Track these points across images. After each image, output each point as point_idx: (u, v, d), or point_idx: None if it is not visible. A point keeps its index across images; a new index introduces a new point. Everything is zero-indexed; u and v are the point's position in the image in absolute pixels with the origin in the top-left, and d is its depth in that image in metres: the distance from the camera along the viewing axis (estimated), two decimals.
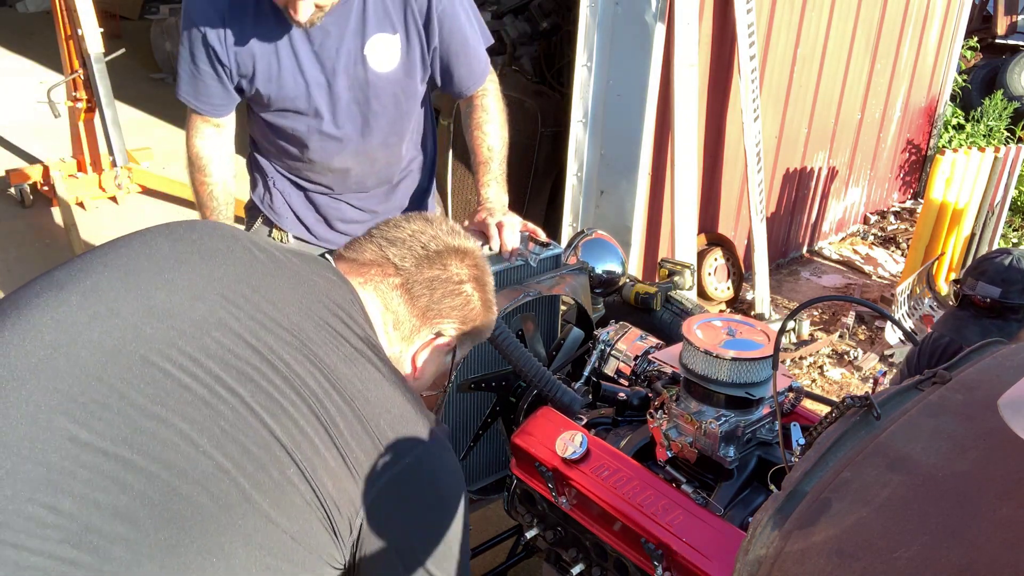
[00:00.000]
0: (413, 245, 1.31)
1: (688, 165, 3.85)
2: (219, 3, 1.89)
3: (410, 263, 1.30)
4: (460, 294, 1.33)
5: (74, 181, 5.17)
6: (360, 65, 1.98)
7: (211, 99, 2.02)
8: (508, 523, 2.20)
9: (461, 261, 1.34)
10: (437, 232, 1.34)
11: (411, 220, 1.36)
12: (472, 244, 1.38)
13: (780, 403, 1.39)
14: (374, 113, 2.07)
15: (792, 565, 1.00)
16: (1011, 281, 2.16)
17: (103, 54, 4.68)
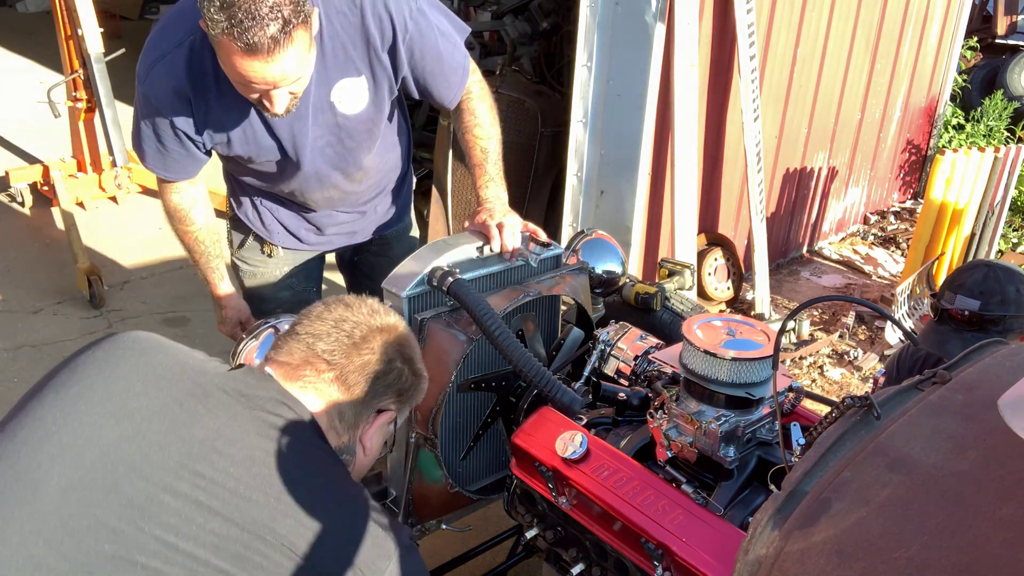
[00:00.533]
0: (339, 336, 1.35)
1: (688, 165, 3.85)
2: (179, 85, 1.83)
3: (339, 355, 1.34)
4: (392, 371, 1.39)
5: (74, 181, 5.17)
6: (329, 112, 1.95)
7: (183, 169, 2.02)
8: (508, 523, 2.20)
9: (385, 340, 1.39)
10: (359, 317, 1.38)
11: (332, 309, 1.39)
12: (393, 319, 1.43)
13: (780, 403, 1.39)
14: (348, 149, 2.07)
15: (792, 565, 1.00)
16: (989, 293, 2.15)
17: (103, 54, 4.67)
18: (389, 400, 1.41)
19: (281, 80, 1.67)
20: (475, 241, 1.87)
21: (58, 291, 4.28)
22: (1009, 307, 2.14)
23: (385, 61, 1.92)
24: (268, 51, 1.58)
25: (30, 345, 3.80)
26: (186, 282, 4.48)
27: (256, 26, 1.54)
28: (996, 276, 2.17)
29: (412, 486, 1.88)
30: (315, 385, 1.33)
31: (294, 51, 1.63)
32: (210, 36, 1.61)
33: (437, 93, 2.05)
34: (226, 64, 1.65)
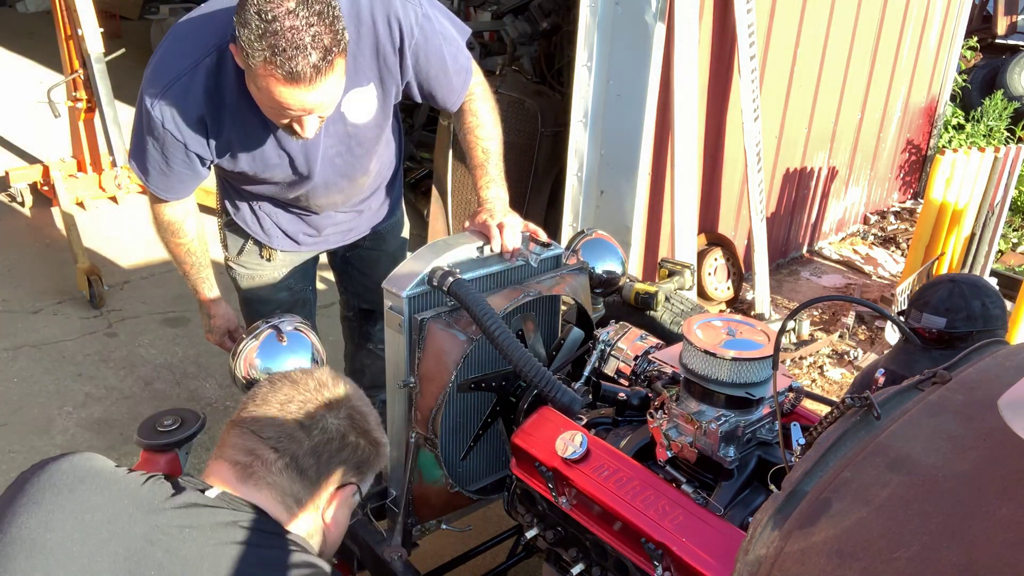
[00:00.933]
0: (285, 420, 1.30)
1: (688, 165, 3.85)
2: (196, 107, 1.80)
3: (287, 441, 1.29)
4: (346, 447, 1.34)
5: (74, 181, 5.17)
6: (340, 122, 1.95)
7: (185, 188, 2.00)
8: (508, 523, 2.20)
9: (336, 414, 1.34)
10: (305, 395, 1.33)
11: (277, 389, 1.34)
12: (343, 389, 1.38)
13: (780, 403, 1.39)
14: (356, 156, 2.08)
15: (792, 565, 1.00)
16: (955, 310, 2.11)
17: (103, 54, 4.68)
18: (348, 475, 1.36)
19: (318, 107, 1.68)
20: (475, 241, 1.87)
21: (58, 291, 4.28)
22: (976, 322, 2.08)
23: (394, 69, 1.93)
24: (310, 80, 1.58)
25: (30, 345, 3.80)
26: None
27: (299, 55, 1.54)
28: (961, 292, 2.13)
29: (412, 486, 1.88)
30: (267, 479, 1.27)
31: (334, 79, 1.64)
32: (246, 64, 1.60)
33: (441, 96, 2.05)
34: (262, 91, 1.64)
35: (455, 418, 1.86)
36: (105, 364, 3.69)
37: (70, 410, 3.36)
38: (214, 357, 3.74)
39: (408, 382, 1.79)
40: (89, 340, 3.87)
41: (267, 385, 1.35)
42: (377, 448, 1.40)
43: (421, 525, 1.95)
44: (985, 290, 2.14)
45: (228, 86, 1.79)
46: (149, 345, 3.85)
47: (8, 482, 1.24)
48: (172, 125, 1.81)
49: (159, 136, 1.83)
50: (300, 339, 1.83)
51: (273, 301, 2.36)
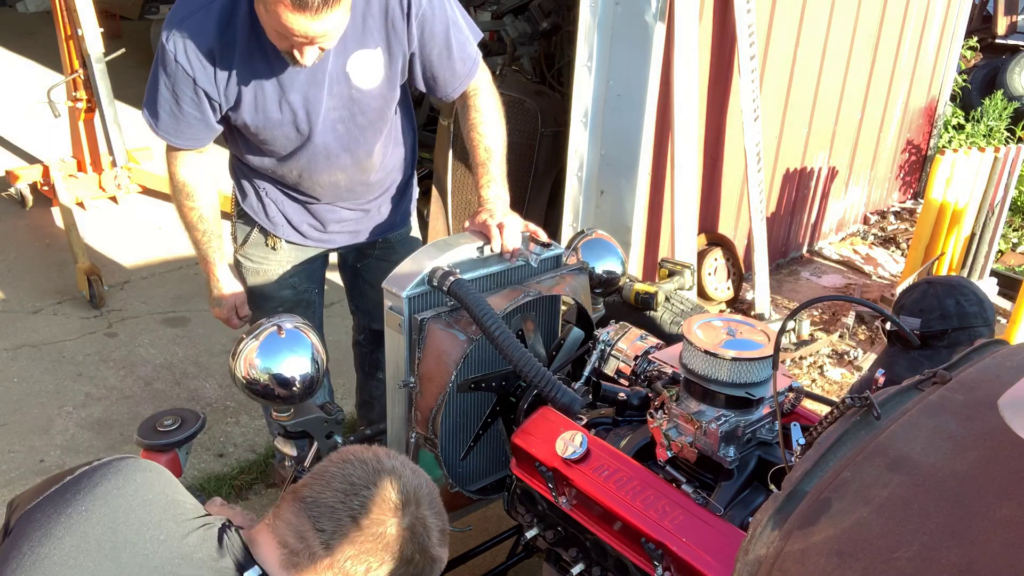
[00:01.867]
0: (343, 516, 1.19)
1: (688, 165, 3.85)
2: (209, 41, 1.85)
3: (340, 539, 1.19)
4: (395, 558, 1.21)
5: (74, 181, 5.17)
6: (344, 83, 1.97)
7: (195, 136, 2.01)
8: (508, 523, 2.20)
9: (400, 522, 1.21)
10: (372, 489, 1.21)
11: (347, 472, 1.23)
12: (415, 489, 1.24)
13: (780, 403, 1.39)
14: (360, 127, 2.07)
15: (792, 565, 1.00)
16: (928, 310, 2.13)
17: (103, 54, 4.68)
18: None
19: (321, 37, 1.72)
20: (475, 241, 1.87)
21: (58, 291, 4.28)
22: (950, 320, 2.11)
23: (401, 35, 1.96)
24: (316, 9, 1.64)
25: (30, 345, 3.80)
26: (186, 282, 4.49)
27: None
28: (935, 292, 2.16)
29: None
30: (307, 574, 1.20)
31: (339, 13, 1.69)
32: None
33: (442, 80, 2.06)
34: (270, 14, 1.69)
35: (455, 418, 1.86)
36: (105, 364, 3.69)
37: (70, 410, 3.36)
38: (214, 357, 3.74)
39: (408, 382, 1.79)
40: (89, 340, 3.87)
41: (338, 465, 1.24)
42: (432, 566, 1.27)
43: None
44: (960, 289, 2.16)
45: (240, 26, 1.84)
46: (149, 345, 3.85)
47: (8, 482, 1.24)
48: (184, 58, 1.86)
49: (171, 72, 1.88)
50: (301, 339, 1.83)
51: (276, 298, 2.34)
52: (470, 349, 1.74)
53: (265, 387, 1.77)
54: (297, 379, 1.79)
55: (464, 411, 1.88)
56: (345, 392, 3.18)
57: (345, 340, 2.80)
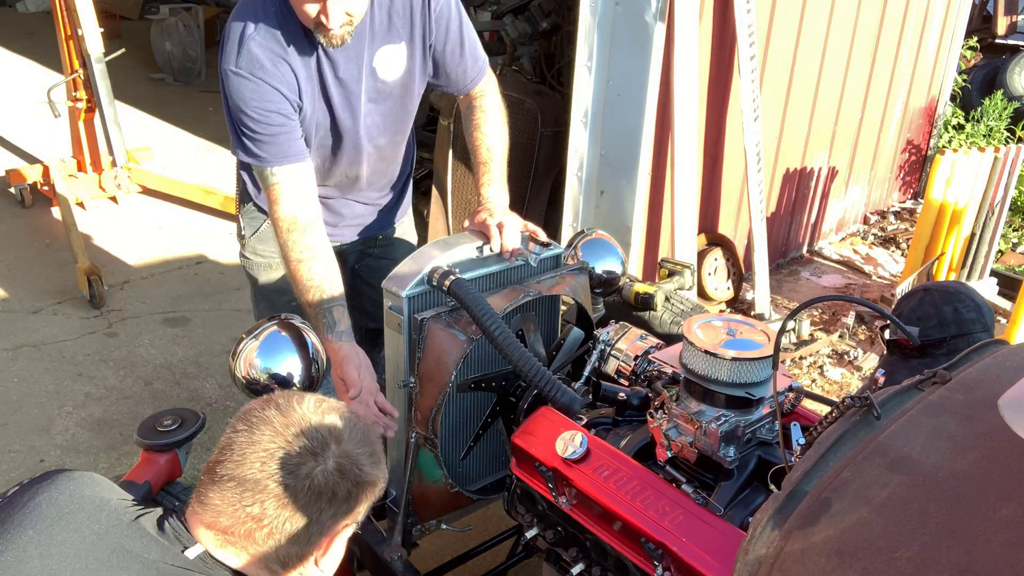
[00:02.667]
0: (267, 484, 1.16)
1: (688, 165, 3.85)
2: (277, 46, 1.87)
3: (271, 507, 1.16)
4: (336, 499, 1.20)
5: (74, 181, 5.17)
6: (372, 77, 2.02)
7: (292, 146, 1.93)
8: (508, 523, 2.20)
9: (324, 466, 1.19)
10: (287, 446, 1.17)
11: (255, 440, 1.18)
12: (328, 425, 1.22)
13: (780, 403, 1.39)
14: (385, 118, 2.11)
15: (792, 565, 1.00)
16: (925, 318, 2.12)
17: (103, 54, 4.68)
18: (341, 521, 1.24)
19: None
20: (475, 241, 1.87)
21: (58, 291, 4.28)
22: (948, 328, 2.09)
23: (422, 28, 2.02)
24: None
25: (30, 345, 3.80)
26: (186, 282, 4.49)
27: None
28: (932, 300, 2.14)
29: (412, 486, 1.88)
30: (249, 549, 1.19)
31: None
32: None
33: (453, 75, 2.12)
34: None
35: (455, 418, 1.86)
36: (105, 364, 3.69)
37: (70, 410, 3.36)
38: (214, 357, 3.74)
39: (408, 382, 1.79)
40: (89, 340, 3.87)
41: (244, 432, 1.20)
42: (374, 486, 1.27)
43: (421, 525, 1.94)
44: (957, 295, 2.15)
45: (292, 23, 1.88)
46: (149, 345, 3.85)
47: (8, 482, 1.25)
48: (262, 71, 1.86)
49: (250, 91, 1.85)
50: (301, 339, 1.83)
51: (289, 292, 2.30)
52: (470, 349, 1.74)
53: (265, 387, 1.77)
54: (297, 379, 1.79)
55: (464, 411, 1.88)
56: None
57: None
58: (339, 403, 1.29)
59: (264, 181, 1.94)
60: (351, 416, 1.28)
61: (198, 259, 4.75)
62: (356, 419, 1.29)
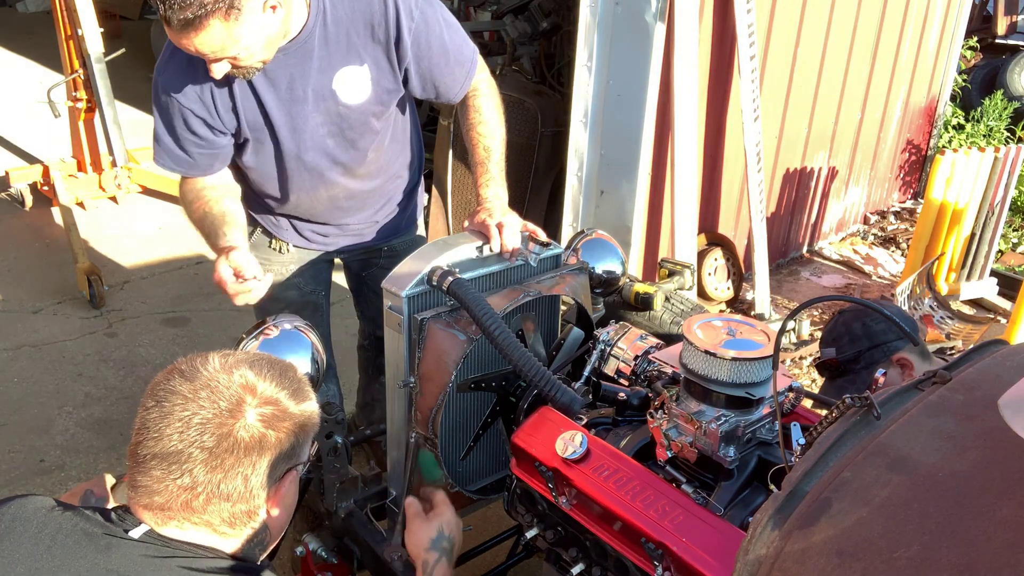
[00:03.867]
0: (191, 454, 1.14)
1: (688, 165, 3.85)
2: (187, 68, 1.88)
3: (201, 476, 1.14)
4: (267, 448, 1.18)
5: (74, 181, 5.17)
6: (331, 99, 1.97)
7: (203, 165, 2.00)
8: (508, 523, 2.20)
9: (245, 420, 1.17)
10: (201, 412, 1.15)
11: (168, 415, 1.16)
12: (239, 381, 1.19)
13: (780, 403, 1.39)
14: (350, 142, 2.08)
15: (792, 565, 1.00)
16: (838, 337, 2.18)
17: (103, 54, 4.68)
18: (283, 466, 1.22)
19: (211, 54, 1.74)
20: (475, 241, 1.87)
21: (58, 291, 4.28)
22: (860, 342, 2.14)
23: (391, 51, 1.94)
24: (184, 29, 1.66)
25: (30, 345, 3.80)
26: (186, 282, 4.49)
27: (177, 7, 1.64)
28: (843, 320, 2.20)
29: (412, 486, 1.88)
30: (191, 519, 1.18)
31: (213, 31, 1.69)
32: None
33: (443, 86, 2.06)
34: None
35: (455, 418, 1.86)
36: (105, 364, 3.69)
37: (70, 410, 3.36)
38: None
39: (408, 382, 1.79)
40: (89, 340, 3.87)
41: (155, 408, 1.17)
42: (305, 424, 1.25)
43: None
44: (865, 312, 2.18)
45: None
46: (149, 345, 3.85)
47: (8, 482, 1.24)
48: (176, 90, 1.90)
49: (166, 107, 1.92)
50: (301, 339, 1.83)
51: (282, 299, 2.32)
52: (470, 349, 1.74)
53: None
54: None
55: (464, 411, 1.88)
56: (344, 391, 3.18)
57: (344, 340, 2.80)
58: (247, 353, 1.27)
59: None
60: (263, 360, 1.25)
61: (198, 259, 4.75)
62: (269, 361, 1.26)
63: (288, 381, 1.24)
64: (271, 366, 1.25)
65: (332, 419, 1.86)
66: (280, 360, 1.28)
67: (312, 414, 1.28)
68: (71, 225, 4.57)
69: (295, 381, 1.26)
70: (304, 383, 1.28)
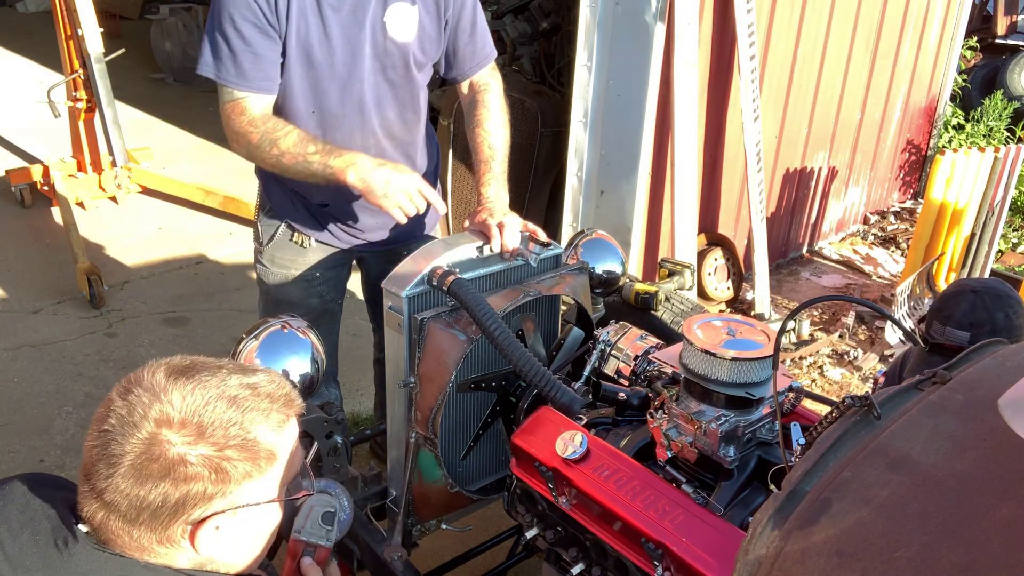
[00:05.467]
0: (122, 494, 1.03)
1: (688, 165, 3.85)
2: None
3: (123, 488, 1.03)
4: (194, 478, 1.04)
5: (74, 181, 5.17)
6: (380, 32, 2.00)
7: (265, 74, 1.92)
8: (508, 523, 2.20)
9: (168, 430, 1.03)
10: (125, 448, 1.02)
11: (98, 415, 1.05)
12: (165, 399, 1.05)
13: (780, 403, 1.39)
14: (391, 83, 2.08)
15: (792, 565, 1.00)
16: (979, 324, 2.04)
17: (103, 54, 4.68)
18: (193, 509, 1.06)
19: None
20: (475, 241, 1.87)
21: (58, 291, 4.28)
22: (1000, 334, 2.00)
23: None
24: None
25: (30, 345, 3.80)
26: (186, 282, 4.49)
27: None
28: (984, 304, 2.06)
29: (412, 486, 1.88)
30: (118, 541, 1.07)
31: None
32: None
33: (462, 55, 2.12)
34: None
35: (455, 418, 1.86)
36: (105, 364, 3.69)
37: (70, 410, 3.36)
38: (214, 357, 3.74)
39: (408, 382, 1.79)
40: (89, 340, 3.87)
41: (98, 446, 1.05)
42: (271, 406, 1.10)
43: (421, 525, 1.94)
44: (1007, 299, 2.07)
45: None
46: (149, 345, 3.85)
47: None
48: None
49: (229, 6, 1.86)
50: (301, 339, 1.83)
51: (304, 306, 2.26)
52: (470, 349, 1.74)
53: None
54: (297, 379, 1.79)
55: (464, 411, 1.88)
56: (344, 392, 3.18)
57: (344, 340, 2.80)
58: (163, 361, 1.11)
59: (223, 97, 1.94)
60: (185, 361, 1.11)
61: (198, 259, 4.75)
62: (179, 362, 1.11)
63: (227, 381, 1.11)
64: (186, 367, 1.11)
65: (332, 419, 1.86)
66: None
67: (262, 387, 1.13)
68: (71, 225, 4.57)
69: (227, 379, 1.11)
70: (244, 398, 1.11)
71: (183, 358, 1.13)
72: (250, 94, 1.95)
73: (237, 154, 2.04)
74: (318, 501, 1.30)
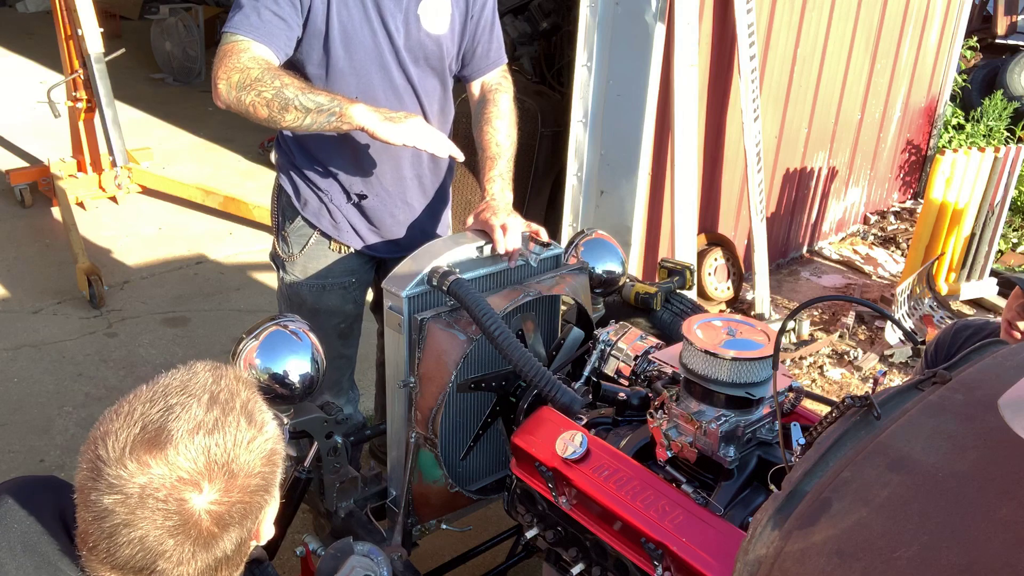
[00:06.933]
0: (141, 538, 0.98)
1: (688, 165, 3.85)
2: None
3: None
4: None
5: (74, 181, 5.17)
6: (415, 23, 2.02)
7: (271, 33, 1.87)
8: (508, 523, 2.20)
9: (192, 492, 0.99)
10: (163, 471, 0.98)
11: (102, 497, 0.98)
12: (186, 455, 1.00)
13: (780, 403, 1.39)
14: (424, 74, 2.10)
15: (792, 565, 1.00)
16: None
17: (103, 54, 4.68)
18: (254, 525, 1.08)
19: None
20: (475, 241, 1.87)
21: (58, 291, 4.28)
22: None
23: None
24: None
25: (30, 345, 3.80)
26: (186, 282, 4.49)
27: None
28: None
29: (412, 486, 1.88)
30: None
31: None
32: None
33: (480, 52, 2.16)
34: None
35: (455, 418, 1.86)
36: (105, 364, 3.69)
37: (70, 410, 3.36)
38: (214, 357, 3.72)
39: (408, 382, 1.79)
40: (89, 340, 3.87)
41: (91, 491, 0.99)
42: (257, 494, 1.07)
43: (421, 525, 1.95)
44: None
45: None
46: (149, 345, 3.85)
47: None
48: None
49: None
50: (301, 339, 1.82)
51: (341, 313, 2.24)
52: (470, 349, 1.74)
53: (265, 387, 1.77)
54: (297, 379, 1.79)
55: (464, 411, 1.88)
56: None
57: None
58: None
59: (225, 40, 1.87)
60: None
61: (198, 259, 4.75)
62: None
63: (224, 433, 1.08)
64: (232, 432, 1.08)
65: (332, 419, 1.86)
66: None
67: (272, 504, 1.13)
68: (71, 225, 4.57)
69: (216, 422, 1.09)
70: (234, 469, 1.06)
71: (141, 432, 1.03)
72: (262, 44, 1.87)
73: (224, 100, 1.85)
74: (360, 563, 1.31)
